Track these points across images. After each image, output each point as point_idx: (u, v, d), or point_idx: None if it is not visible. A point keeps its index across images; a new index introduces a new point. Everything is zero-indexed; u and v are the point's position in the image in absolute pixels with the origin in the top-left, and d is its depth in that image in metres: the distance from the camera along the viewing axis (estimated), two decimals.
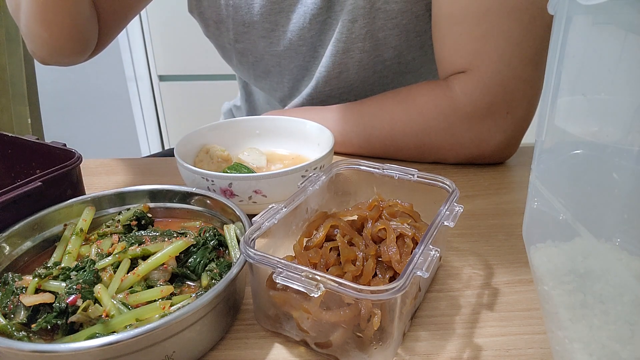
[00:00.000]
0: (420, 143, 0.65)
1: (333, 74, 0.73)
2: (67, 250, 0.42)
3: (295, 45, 0.74)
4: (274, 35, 0.74)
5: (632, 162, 0.28)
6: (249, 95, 0.98)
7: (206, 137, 0.62)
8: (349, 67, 0.72)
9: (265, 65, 0.79)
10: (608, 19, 0.29)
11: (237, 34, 0.75)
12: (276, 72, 0.80)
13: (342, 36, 0.69)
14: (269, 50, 0.76)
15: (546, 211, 0.36)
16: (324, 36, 0.72)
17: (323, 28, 0.71)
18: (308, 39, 0.72)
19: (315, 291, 0.31)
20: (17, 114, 1.02)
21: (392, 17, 0.67)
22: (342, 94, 0.77)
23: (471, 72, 0.60)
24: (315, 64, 0.76)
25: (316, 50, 0.74)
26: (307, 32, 0.71)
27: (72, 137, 1.83)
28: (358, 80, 0.75)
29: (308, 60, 0.76)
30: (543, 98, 0.37)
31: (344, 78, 0.74)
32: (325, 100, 0.78)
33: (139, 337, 0.30)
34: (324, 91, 0.76)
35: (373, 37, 0.69)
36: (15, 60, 1.00)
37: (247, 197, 0.50)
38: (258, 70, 0.81)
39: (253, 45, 0.76)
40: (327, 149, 0.54)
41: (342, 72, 0.73)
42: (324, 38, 0.72)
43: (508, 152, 0.66)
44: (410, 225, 0.41)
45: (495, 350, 0.36)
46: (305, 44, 0.73)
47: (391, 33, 0.69)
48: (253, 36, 0.75)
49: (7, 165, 0.55)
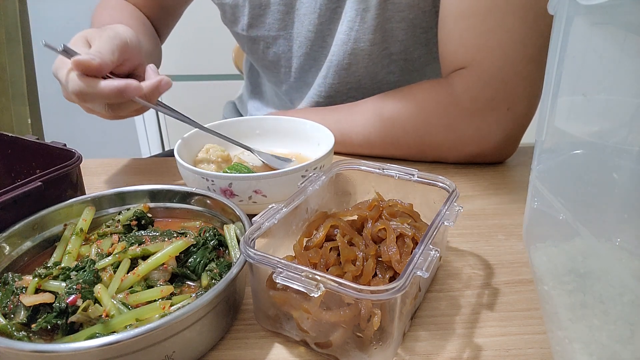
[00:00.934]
0: (420, 140, 0.65)
1: (343, 64, 0.74)
2: (67, 250, 0.42)
3: (306, 30, 0.74)
4: (288, 18, 0.75)
5: (632, 162, 0.28)
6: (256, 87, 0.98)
7: (206, 137, 0.62)
8: (358, 59, 0.73)
9: (276, 52, 0.80)
10: (608, 19, 0.29)
11: (252, 18, 0.76)
12: (285, 60, 0.80)
13: (355, 25, 0.70)
14: (282, 34, 0.77)
15: (546, 211, 0.36)
16: (333, 25, 0.73)
17: (333, 17, 0.72)
18: (318, 25, 0.73)
19: (315, 291, 0.31)
20: (17, 114, 1.02)
21: (401, 10, 0.68)
22: (350, 90, 0.77)
23: (472, 67, 0.61)
24: (323, 54, 0.76)
25: (324, 40, 0.75)
26: (317, 17, 0.72)
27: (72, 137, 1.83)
28: (367, 74, 0.75)
29: (316, 50, 0.76)
30: (543, 98, 0.37)
31: (353, 71, 0.75)
32: (332, 96, 0.78)
33: (139, 337, 0.30)
34: (333, 84, 0.77)
35: (382, 29, 0.70)
36: (15, 60, 1.00)
37: (247, 197, 0.50)
38: (267, 59, 0.82)
39: (267, 30, 0.77)
40: (327, 148, 0.54)
41: (352, 64, 0.74)
42: (333, 28, 0.73)
43: (508, 151, 0.66)
44: (410, 225, 0.41)
45: (495, 350, 0.36)
46: (315, 30, 0.74)
47: (399, 26, 0.70)
48: (268, 19, 0.76)
49: (7, 165, 0.55)
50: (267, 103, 0.96)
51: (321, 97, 0.79)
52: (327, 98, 0.79)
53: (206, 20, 1.65)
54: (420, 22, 0.70)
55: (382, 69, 0.75)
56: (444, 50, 0.64)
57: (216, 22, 0.86)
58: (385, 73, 0.76)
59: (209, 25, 1.73)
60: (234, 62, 1.42)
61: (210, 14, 1.51)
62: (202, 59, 1.89)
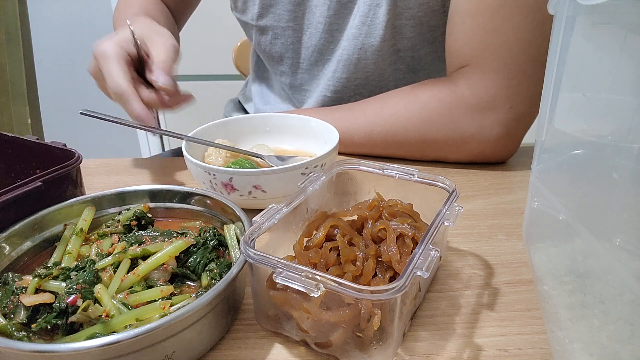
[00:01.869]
0: (422, 138, 0.65)
1: (352, 59, 0.74)
2: (67, 250, 0.42)
3: (316, 22, 0.75)
4: (299, 9, 0.75)
5: (632, 162, 0.28)
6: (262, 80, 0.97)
7: (216, 132, 0.63)
8: (367, 54, 0.73)
9: (283, 44, 0.80)
10: (608, 19, 0.29)
11: (262, 7, 0.77)
12: (292, 52, 0.80)
13: (367, 19, 0.70)
14: (291, 25, 0.77)
15: (546, 211, 0.36)
16: (343, 20, 0.73)
17: (343, 12, 0.72)
18: (326, 17, 0.73)
19: (315, 291, 0.31)
20: (17, 114, 1.02)
21: (410, 7, 0.69)
22: (357, 87, 0.78)
23: (477, 64, 0.61)
24: (330, 49, 0.76)
25: (332, 35, 0.75)
26: (327, 10, 0.73)
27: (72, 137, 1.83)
28: (375, 71, 0.75)
29: (323, 43, 0.76)
30: (543, 98, 0.37)
31: (362, 67, 0.75)
32: (340, 91, 0.78)
33: (139, 337, 0.30)
34: (342, 79, 0.77)
35: (392, 26, 0.70)
36: (15, 60, 1.00)
37: (247, 192, 0.51)
38: (274, 50, 0.82)
39: (276, 21, 0.77)
40: (330, 147, 0.54)
41: (361, 60, 0.74)
42: (343, 22, 0.73)
43: (509, 150, 0.66)
44: (410, 225, 0.41)
45: (495, 350, 0.36)
46: (325, 22, 0.74)
47: (407, 23, 0.70)
48: (279, 9, 0.76)
49: (7, 165, 0.55)
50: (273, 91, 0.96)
51: (329, 92, 0.79)
52: (334, 93, 0.79)
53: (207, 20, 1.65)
54: (428, 21, 0.71)
55: (389, 66, 0.75)
56: (451, 47, 0.65)
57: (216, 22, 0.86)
58: (392, 70, 0.76)
59: (209, 25, 1.73)
60: (234, 62, 1.42)
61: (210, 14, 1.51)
62: (202, 59, 1.89)
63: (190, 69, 1.92)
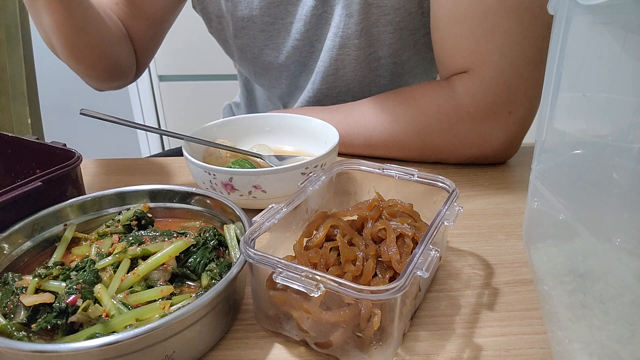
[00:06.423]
0: (422, 143, 0.65)
1: (330, 70, 0.74)
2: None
3: (293, 39, 0.74)
4: (273, 28, 0.74)
5: (632, 162, 0.28)
6: (250, 93, 0.98)
7: (216, 132, 0.63)
8: (345, 64, 0.73)
9: (264, 61, 0.79)
10: (608, 19, 0.29)
11: (236, 29, 0.76)
12: (275, 68, 0.80)
13: (339, 31, 0.69)
14: (268, 44, 0.76)
15: (546, 211, 0.36)
16: (320, 31, 0.72)
17: (319, 22, 0.72)
18: (304, 32, 0.73)
19: (315, 291, 0.31)
20: (17, 114, 1.02)
21: (386, 14, 0.68)
22: (339, 94, 0.77)
23: (473, 72, 0.60)
24: (313, 59, 0.76)
25: (313, 45, 0.75)
26: (304, 25, 0.72)
27: (72, 137, 1.83)
28: (355, 79, 0.75)
29: (305, 55, 0.76)
30: (543, 98, 0.37)
31: (341, 76, 0.74)
32: (322, 100, 0.78)
33: (139, 337, 0.30)
34: (322, 89, 0.77)
35: (368, 34, 0.69)
36: (15, 59, 1.00)
37: (247, 192, 0.51)
38: (257, 66, 0.82)
39: (252, 41, 0.77)
40: (330, 147, 0.54)
41: (339, 70, 0.73)
42: (320, 33, 0.73)
43: (509, 152, 0.66)
44: (410, 225, 0.41)
45: (495, 350, 0.36)
46: (302, 37, 0.74)
47: (385, 30, 0.69)
48: (252, 30, 0.75)
49: (7, 165, 0.55)
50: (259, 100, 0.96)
51: (310, 102, 0.79)
52: (316, 103, 0.79)
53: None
54: (407, 25, 0.69)
55: (370, 73, 0.75)
56: (441, 55, 0.64)
57: None
58: (374, 76, 0.76)
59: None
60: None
61: None
62: (202, 59, 1.89)
63: (190, 69, 1.92)
